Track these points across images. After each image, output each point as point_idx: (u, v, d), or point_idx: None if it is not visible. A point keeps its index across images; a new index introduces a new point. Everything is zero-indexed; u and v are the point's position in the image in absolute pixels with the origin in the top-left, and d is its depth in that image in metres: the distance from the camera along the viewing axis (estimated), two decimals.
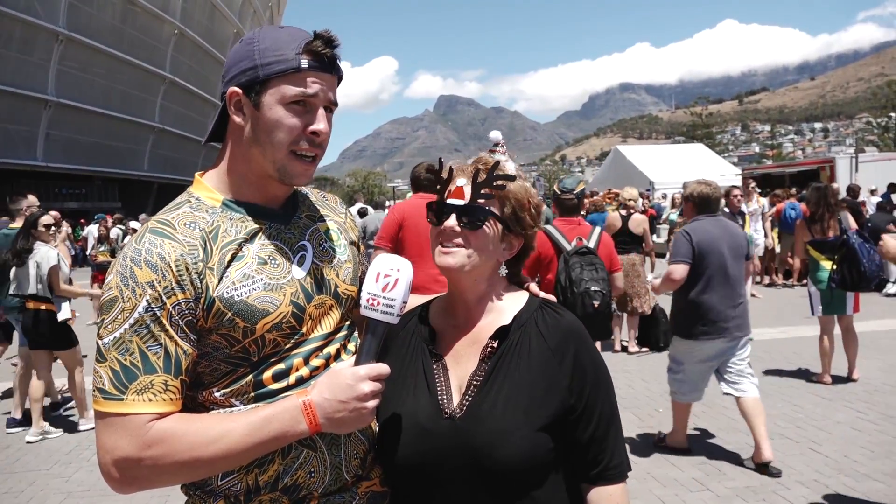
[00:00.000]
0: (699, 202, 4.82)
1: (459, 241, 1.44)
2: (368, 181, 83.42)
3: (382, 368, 1.31)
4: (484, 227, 1.44)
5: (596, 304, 3.91)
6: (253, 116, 1.37)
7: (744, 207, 10.67)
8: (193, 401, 1.38)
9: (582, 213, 6.49)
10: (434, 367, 1.48)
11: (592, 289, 3.94)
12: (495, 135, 3.33)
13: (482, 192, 1.44)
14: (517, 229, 1.49)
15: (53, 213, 12.41)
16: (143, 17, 42.14)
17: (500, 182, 1.43)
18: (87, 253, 14.07)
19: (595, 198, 11.73)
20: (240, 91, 1.37)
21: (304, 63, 1.34)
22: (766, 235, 12.74)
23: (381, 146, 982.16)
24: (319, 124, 1.38)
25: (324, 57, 1.36)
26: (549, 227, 4.37)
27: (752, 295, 10.73)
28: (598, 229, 4.50)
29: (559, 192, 4.60)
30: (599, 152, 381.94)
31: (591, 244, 4.27)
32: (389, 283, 1.34)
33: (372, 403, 1.29)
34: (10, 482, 5.04)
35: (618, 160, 30.50)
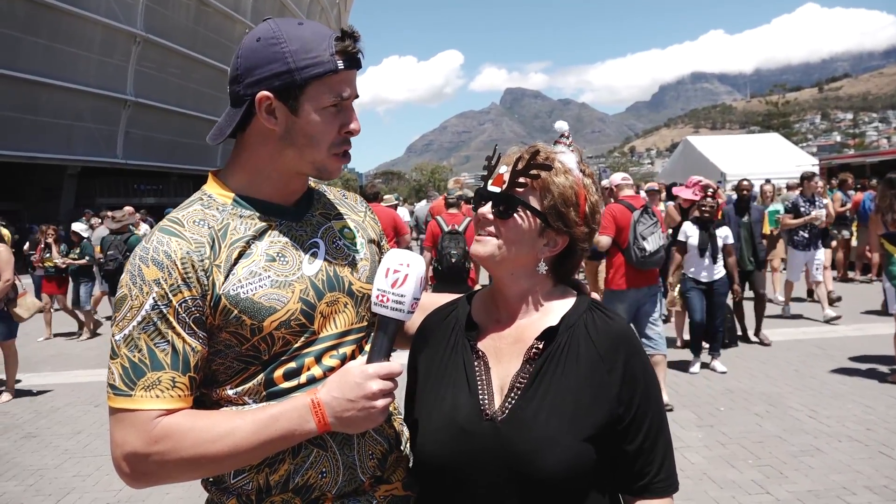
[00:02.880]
0: None
1: (492, 229, 1.37)
2: (435, 175, 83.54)
3: (393, 367, 1.28)
4: (515, 216, 1.35)
5: (453, 260, 7.18)
6: (289, 120, 1.35)
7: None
8: (209, 398, 1.38)
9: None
10: (476, 364, 1.40)
11: (451, 251, 7.21)
12: (561, 125, 3.15)
13: (518, 180, 1.35)
14: (557, 225, 1.36)
15: (128, 208, 13.02)
16: (216, 18, 43.35)
17: (534, 171, 1.34)
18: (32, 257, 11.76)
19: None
20: (271, 95, 1.33)
21: (341, 64, 1.33)
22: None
23: (447, 140, 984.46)
24: (354, 124, 1.40)
25: (354, 56, 1.36)
26: (438, 217, 7.80)
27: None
28: (467, 220, 7.53)
29: (447, 196, 8.18)
30: (670, 143, 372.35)
31: (461, 228, 7.41)
32: (399, 279, 1.31)
33: (381, 402, 1.26)
34: (80, 466, 5.33)
35: (688, 151, 29.53)
